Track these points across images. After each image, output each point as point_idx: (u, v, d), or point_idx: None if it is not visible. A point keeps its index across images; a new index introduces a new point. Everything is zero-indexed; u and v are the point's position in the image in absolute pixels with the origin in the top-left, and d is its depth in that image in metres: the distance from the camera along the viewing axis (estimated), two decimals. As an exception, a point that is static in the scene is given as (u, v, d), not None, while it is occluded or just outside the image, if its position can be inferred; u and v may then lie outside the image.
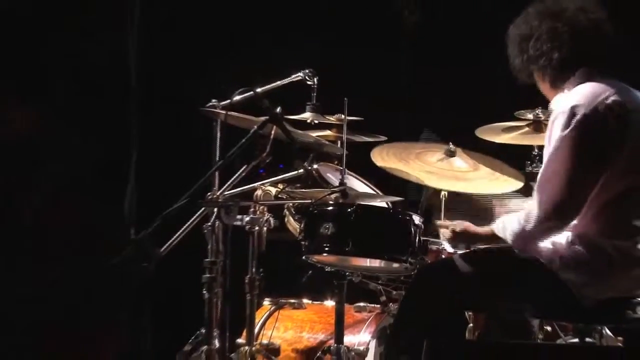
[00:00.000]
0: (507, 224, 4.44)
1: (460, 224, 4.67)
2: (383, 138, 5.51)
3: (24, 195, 6.12)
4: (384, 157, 5.12)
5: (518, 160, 5.33)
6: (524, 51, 4.57)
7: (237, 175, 4.72)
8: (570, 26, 4.49)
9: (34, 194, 6.10)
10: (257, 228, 5.15)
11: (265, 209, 5.16)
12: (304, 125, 5.26)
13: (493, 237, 4.55)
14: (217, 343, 4.85)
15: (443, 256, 5.08)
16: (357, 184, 5.54)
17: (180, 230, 4.82)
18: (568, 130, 4.33)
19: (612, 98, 4.37)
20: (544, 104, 4.91)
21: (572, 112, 4.33)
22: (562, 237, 4.40)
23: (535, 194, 4.39)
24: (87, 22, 6.12)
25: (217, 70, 6.49)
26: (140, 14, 4.58)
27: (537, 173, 4.72)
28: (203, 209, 4.79)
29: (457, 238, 4.67)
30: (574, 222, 4.40)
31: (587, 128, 4.31)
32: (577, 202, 4.33)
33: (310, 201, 4.97)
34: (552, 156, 4.36)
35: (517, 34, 4.60)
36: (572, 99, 4.39)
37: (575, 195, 4.33)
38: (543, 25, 4.52)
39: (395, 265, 4.96)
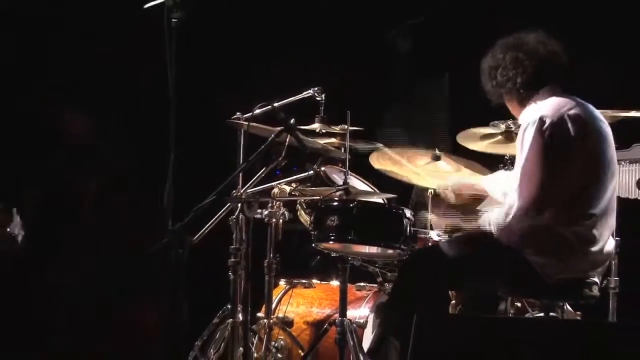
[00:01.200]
0: (492, 218, 4.59)
1: (452, 223, 4.84)
2: (379, 145, 5.42)
3: (85, 190, 6.19)
4: (380, 161, 5.19)
5: (492, 164, 5.28)
6: (493, 78, 4.74)
7: (257, 175, 4.81)
8: (530, 55, 4.68)
9: (92, 190, 6.19)
10: (274, 220, 5.32)
11: (281, 204, 5.31)
12: (313, 134, 5.35)
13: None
14: (240, 316, 4.97)
15: (430, 244, 5.21)
16: (358, 184, 5.62)
17: (210, 222, 5.06)
18: (538, 135, 4.52)
19: (572, 110, 4.59)
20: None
21: (541, 121, 4.53)
22: (529, 226, 4.56)
23: (515, 190, 4.54)
24: (136, 50, 6.21)
25: (241, 87, 6.46)
26: (176, 40, 4.70)
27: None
28: (229, 204, 4.94)
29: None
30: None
31: (553, 133, 4.52)
32: (551, 193, 4.51)
33: (318, 197, 5.09)
34: (527, 158, 4.52)
35: (487, 65, 4.78)
36: (540, 110, 4.60)
37: (549, 188, 4.50)
38: (507, 56, 4.71)
39: (390, 251, 5.08)
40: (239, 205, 4.78)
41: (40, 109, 6.33)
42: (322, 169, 5.45)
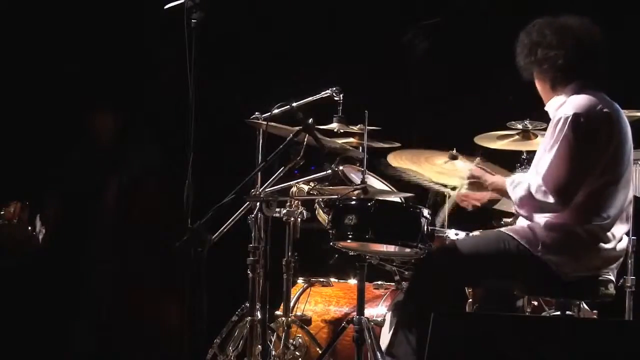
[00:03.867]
0: (518, 187, 4.54)
1: (478, 170, 4.74)
2: (397, 144, 5.55)
3: (110, 190, 6.22)
4: (398, 161, 5.17)
5: (509, 163, 5.28)
6: (533, 54, 4.62)
7: (276, 175, 4.79)
8: (576, 40, 4.57)
9: (113, 189, 6.21)
10: (292, 219, 5.32)
11: (299, 203, 5.31)
12: (331, 133, 5.36)
13: (500, 191, 4.67)
14: (259, 314, 4.97)
15: (447, 242, 5.16)
16: (376, 183, 5.58)
17: (229, 221, 5.06)
18: (570, 132, 4.46)
19: (603, 109, 4.52)
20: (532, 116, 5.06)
21: (574, 118, 4.46)
22: (543, 226, 4.57)
23: (542, 181, 4.47)
24: (158, 58, 6.31)
25: (260, 88, 6.49)
26: (197, 45, 4.73)
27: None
28: (248, 203, 4.92)
29: (472, 181, 4.74)
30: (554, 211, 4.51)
31: (585, 130, 4.47)
32: (576, 188, 4.48)
33: (336, 196, 5.05)
34: (556, 152, 4.47)
35: (529, 39, 4.64)
36: (572, 107, 4.52)
37: (575, 183, 4.47)
38: (554, 35, 4.58)
39: (407, 250, 5.02)
40: (258, 204, 4.75)
41: (63, 108, 6.35)
42: (340, 168, 5.40)
